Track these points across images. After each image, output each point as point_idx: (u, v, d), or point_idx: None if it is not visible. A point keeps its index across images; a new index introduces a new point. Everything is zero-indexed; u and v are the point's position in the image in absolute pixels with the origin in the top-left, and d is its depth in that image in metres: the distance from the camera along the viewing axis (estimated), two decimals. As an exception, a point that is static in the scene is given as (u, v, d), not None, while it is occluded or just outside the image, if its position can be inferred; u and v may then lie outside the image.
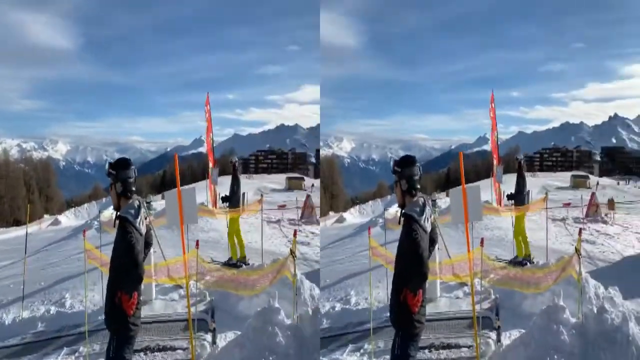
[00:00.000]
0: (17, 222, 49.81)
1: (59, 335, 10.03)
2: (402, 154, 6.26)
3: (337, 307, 11.59)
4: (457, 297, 11.53)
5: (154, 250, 9.99)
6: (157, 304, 11.52)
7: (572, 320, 8.89)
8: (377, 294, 11.30)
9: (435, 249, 9.84)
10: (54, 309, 11.36)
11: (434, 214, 6.08)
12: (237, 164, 16.03)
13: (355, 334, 10.24)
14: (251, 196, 25.15)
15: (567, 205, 20.64)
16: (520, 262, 14.33)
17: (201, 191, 17.21)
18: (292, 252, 9.75)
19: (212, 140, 18.46)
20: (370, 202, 27.57)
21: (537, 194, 22.44)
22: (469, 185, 8.27)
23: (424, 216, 5.67)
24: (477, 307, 9.16)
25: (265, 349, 8.64)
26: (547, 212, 16.35)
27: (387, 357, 6.90)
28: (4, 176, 60.74)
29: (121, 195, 5.87)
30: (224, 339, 9.86)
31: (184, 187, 8.93)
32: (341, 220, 23.81)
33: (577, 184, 27.07)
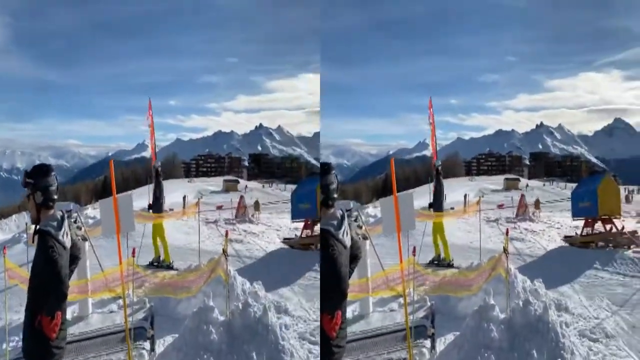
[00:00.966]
0: None
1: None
2: (52, 162, 5.58)
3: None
4: (392, 310, 11.24)
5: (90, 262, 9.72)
6: (94, 319, 10.95)
7: (502, 316, 9.38)
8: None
9: (367, 262, 9.58)
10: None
11: (361, 225, 5.81)
12: (159, 170, 15.88)
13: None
14: (192, 199, 24.11)
15: (501, 206, 21.43)
16: (446, 264, 14.85)
17: (144, 196, 16.68)
18: (224, 251, 9.89)
19: (155, 145, 18.16)
20: (14, 216, 24.94)
21: (474, 197, 23.37)
22: (401, 193, 8.17)
23: (343, 230, 5.19)
24: (413, 317, 9.22)
25: (200, 348, 8.79)
26: (482, 214, 17.18)
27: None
28: None
29: (41, 205, 5.31)
30: (163, 344, 9.85)
31: (121, 194, 8.64)
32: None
33: (509, 186, 28.66)
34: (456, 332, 9.99)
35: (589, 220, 17.23)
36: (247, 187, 32.85)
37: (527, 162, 44.32)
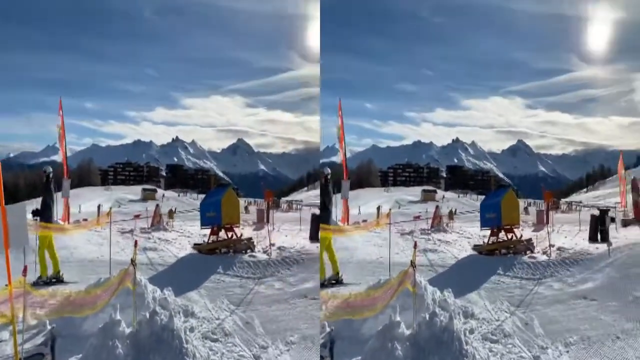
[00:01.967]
0: None
1: None
2: None
3: None
4: (2, 340, 9.85)
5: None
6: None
7: (407, 332, 9.52)
8: None
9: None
10: None
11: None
12: (50, 175, 14.91)
13: None
14: (108, 208, 24.05)
15: (417, 218, 21.43)
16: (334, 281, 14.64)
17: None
18: (133, 261, 9.67)
19: (66, 149, 17.16)
20: None
21: (391, 209, 23.72)
22: (11, 205, 7.30)
23: None
24: (22, 348, 8.08)
25: None
26: (397, 226, 17.75)
27: None
28: None
29: None
30: (64, 369, 9.18)
31: (12, 205, 7.55)
32: None
33: (427, 198, 29.56)
34: (359, 356, 9.78)
35: (494, 229, 18.45)
36: (164, 196, 32.43)
37: (444, 175, 46.02)
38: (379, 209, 18.00)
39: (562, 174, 54.18)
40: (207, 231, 18.44)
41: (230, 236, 18.26)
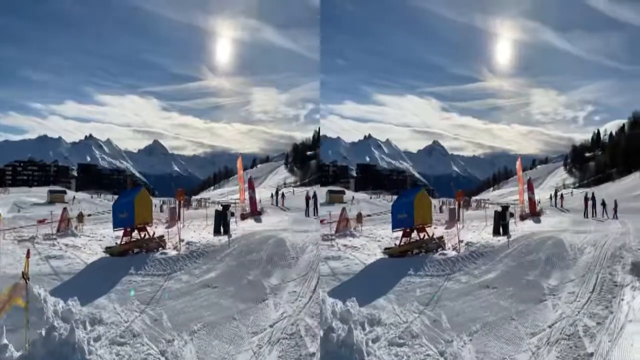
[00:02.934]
0: None
1: None
2: None
3: None
4: None
5: None
6: None
7: (17, 354, 8.69)
8: None
9: None
10: None
11: None
12: None
13: None
14: (6, 214, 21.92)
15: (41, 222, 19.74)
16: None
17: None
18: (24, 274, 8.82)
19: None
20: None
21: (7, 213, 22.94)
22: None
23: None
24: None
25: None
26: (15, 233, 17.14)
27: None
28: None
29: None
30: None
31: None
32: None
33: (333, 200, 26.92)
34: None
35: (407, 230, 18.35)
36: (75, 197, 30.48)
37: (354, 174, 45.80)
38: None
39: (472, 174, 57.43)
40: (121, 233, 17.95)
41: (143, 236, 17.99)
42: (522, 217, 23.41)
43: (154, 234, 18.29)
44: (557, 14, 43.63)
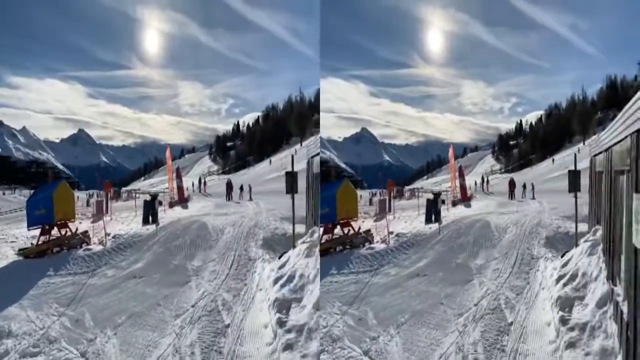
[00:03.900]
0: None
1: None
2: None
3: None
4: None
5: None
6: None
7: None
8: None
9: None
10: None
11: None
12: None
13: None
14: None
15: None
16: None
17: None
18: None
19: None
20: None
21: None
22: None
23: None
24: None
25: None
26: None
27: None
28: None
29: None
30: None
31: None
32: None
33: None
34: None
35: (329, 226, 17.12)
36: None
37: None
38: None
39: (405, 163, 58.47)
40: (38, 232, 16.55)
41: (64, 233, 16.82)
42: (454, 203, 24.14)
43: (77, 229, 17.29)
44: (484, 9, 45.39)
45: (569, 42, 49.52)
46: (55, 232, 16.78)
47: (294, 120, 43.27)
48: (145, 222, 19.09)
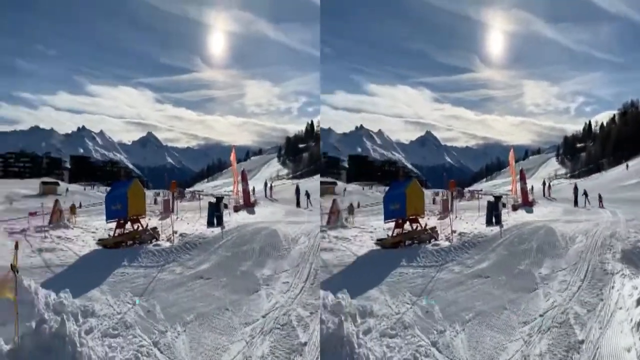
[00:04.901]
0: None
1: None
2: None
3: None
4: None
5: None
6: None
7: (7, 347, 8.66)
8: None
9: None
10: None
11: None
12: None
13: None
14: None
15: (33, 214, 19.35)
16: None
17: None
18: (13, 267, 8.69)
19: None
20: None
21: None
22: None
23: None
24: None
25: None
26: (5, 224, 17.33)
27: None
28: None
29: None
30: None
31: None
32: None
33: (324, 192, 26.46)
34: None
35: (399, 221, 18.34)
36: (68, 189, 30.29)
37: (346, 165, 45.54)
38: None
39: (465, 165, 57.55)
40: (114, 225, 17.87)
41: (136, 228, 17.93)
42: (515, 207, 23.51)
43: (147, 225, 18.26)
44: (548, 5, 43.53)
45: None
46: (128, 226, 17.92)
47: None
48: (209, 224, 19.44)
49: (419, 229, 18.32)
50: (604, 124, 45.12)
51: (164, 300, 12.89)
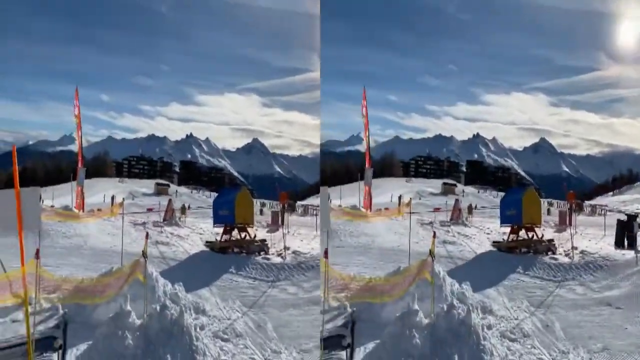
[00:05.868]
0: None
1: None
2: None
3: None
4: (15, 321, 9.70)
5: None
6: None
7: (426, 321, 9.43)
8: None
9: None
10: None
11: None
12: None
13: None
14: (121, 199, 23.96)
15: (437, 210, 21.71)
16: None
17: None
18: (144, 253, 9.82)
19: (81, 138, 17.37)
20: None
21: (125, 200, 23.40)
22: (26, 188, 7.54)
23: None
24: (42, 327, 8.22)
25: (115, 356, 8.52)
26: (417, 216, 17.62)
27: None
28: None
29: None
30: (74, 355, 9.19)
31: (26, 188, 7.84)
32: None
33: (446, 191, 29.18)
34: (378, 340, 9.93)
35: (515, 227, 17.99)
36: (177, 191, 32.71)
37: (464, 169, 45.92)
38: (400, 198, 17.84)
39: (585, 176, 52.88)
40: (220, 229, 18.17)
41: (243, 236, 17.92)
42: (655, 231, 20.67)
43: (255, 236, 18.08)
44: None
45: None
46: (235, 233, 18.02)
47: None
48: (618, 245, 17.24)
49: (536, 238, 17.69)
50: None
51: (276, 318, 12.53)
